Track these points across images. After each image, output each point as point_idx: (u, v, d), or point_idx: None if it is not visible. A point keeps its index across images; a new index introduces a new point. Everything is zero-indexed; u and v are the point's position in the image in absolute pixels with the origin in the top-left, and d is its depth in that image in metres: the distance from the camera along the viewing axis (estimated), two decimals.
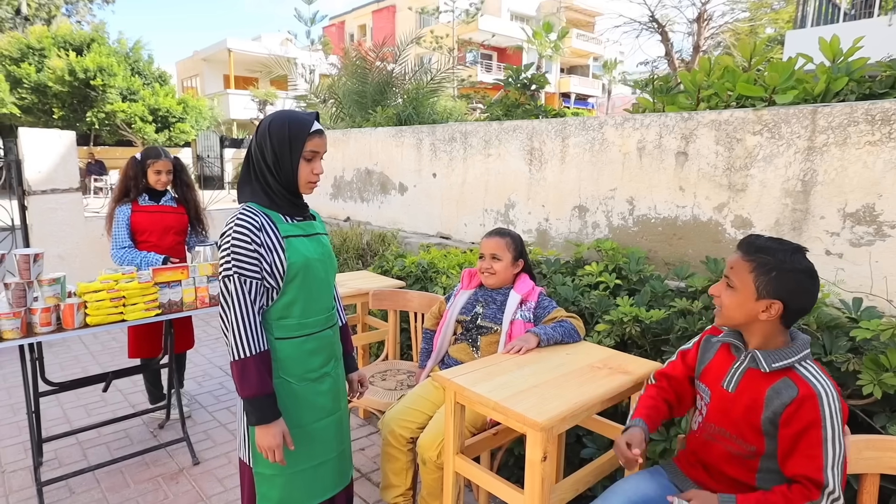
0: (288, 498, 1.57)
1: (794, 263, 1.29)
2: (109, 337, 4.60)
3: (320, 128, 1.54)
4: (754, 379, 1.36)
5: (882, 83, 2.18)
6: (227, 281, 1.44)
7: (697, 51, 13.06)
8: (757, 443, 1.35)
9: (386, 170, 4.58)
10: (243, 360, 1.43)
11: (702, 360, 1.52)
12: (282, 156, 1.49)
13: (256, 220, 1.46)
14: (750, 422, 1.34)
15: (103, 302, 2.21)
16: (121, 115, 16.92)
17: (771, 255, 1.30)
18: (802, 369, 1.31)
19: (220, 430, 3.02)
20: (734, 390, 1.39)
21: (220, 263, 1.46)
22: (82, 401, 3.38)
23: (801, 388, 1.27)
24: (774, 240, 1.34)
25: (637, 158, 2.78)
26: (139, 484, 2.51)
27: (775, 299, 1.30)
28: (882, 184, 2.01)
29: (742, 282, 1.33)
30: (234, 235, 1.43)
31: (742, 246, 1.36)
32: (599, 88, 30.34)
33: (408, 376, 2.58)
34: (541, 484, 1.46)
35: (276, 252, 1.47)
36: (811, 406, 1.24)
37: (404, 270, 3.25)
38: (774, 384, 1.31)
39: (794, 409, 1.26)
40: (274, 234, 1.48)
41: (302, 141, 1.49)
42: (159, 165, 2.89)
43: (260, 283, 1.46)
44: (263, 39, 25.82)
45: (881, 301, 1.96)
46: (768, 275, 1.29)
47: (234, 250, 1.43)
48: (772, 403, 1.30)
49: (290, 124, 1.49)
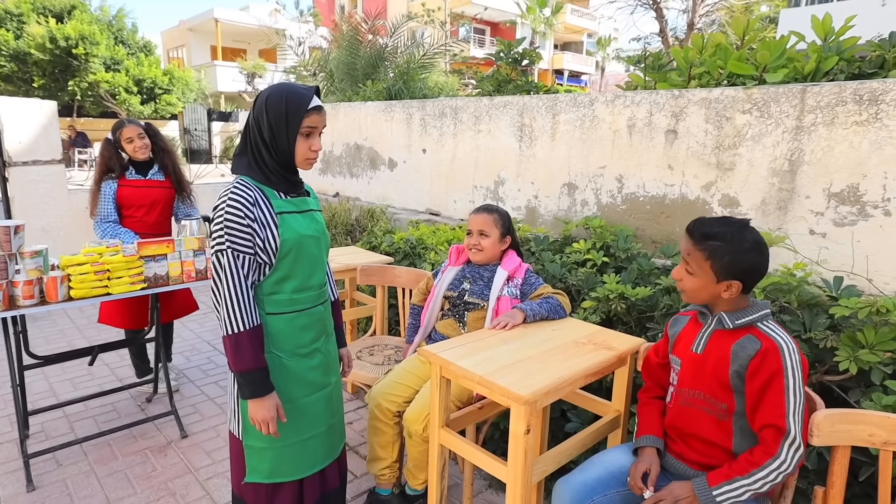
0: (277, 471, 1.59)
1: (743, 243, 1.34)
2: (95, 310, 4.53)
3: (319, 103, 1.49)
4: (721, 338, 1.43)
5: (871, 63, 2.17)
6: (220, 255, 1.43)
7: (692, 28, 12.93)
8: (727, 399, 1.41)
9: (376, 145, 4.53)
10: (236, 334, 1.43)
11: (672, 337, 1.58)
12: (278, 131, 1.45)
13: (251, 195, 1.44)
14: (719, 378, 1.40)
15: (87, 275, 2.19)
16: (104, 85, 16.50)
17: (721, 239, 1.35)
18: (764, 326, 1.38)
19: (208, 404, 3.04)
20: (702, 351, 1.45)
21: (213, 237, 1.44)
22: (68, 374, 3.37)
23: (763, 342, 1.34)
24: (719, 221, 1.38)
25: (627, 136, 2.77)
26: (127, 456, 2.52)
27: (734, 280, 1.36)
28: (867, 164, 2.03)
29: (700, 268, 1.39)
30: (228, 210, 1.41)
31: (694, 234, 1.40)
32: (593, 65, 30.06)
33: (395, 351, 2.59)
34: (524, 456, 1.48)
35: (269, 228, 1.46)
36: (774, 357, 1.32)
37: (392, 246, 3.25)
38: (739, 340, 1.38)
39: (759, 361, 1.33)
40: (268, 209, 1.46)
41: (300, 117, 1.45)
42: (128, 133, 2.81)
43: (253, 259, 1.45)
44: (252, 9, 25.19)
45: (861, 280, 2.00)
46: (722, 259, 1.35)
47: (227, 225, 1.41)
48: (737, 357, 1.37)
49: (287, 99, 1.44)
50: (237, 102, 22.40)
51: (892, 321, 1.63)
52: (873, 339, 1.62)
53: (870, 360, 1.60)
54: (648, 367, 1.68)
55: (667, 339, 1.60)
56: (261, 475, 1.58)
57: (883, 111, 1.97)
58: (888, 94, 1.96)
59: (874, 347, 1.61)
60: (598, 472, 1.51)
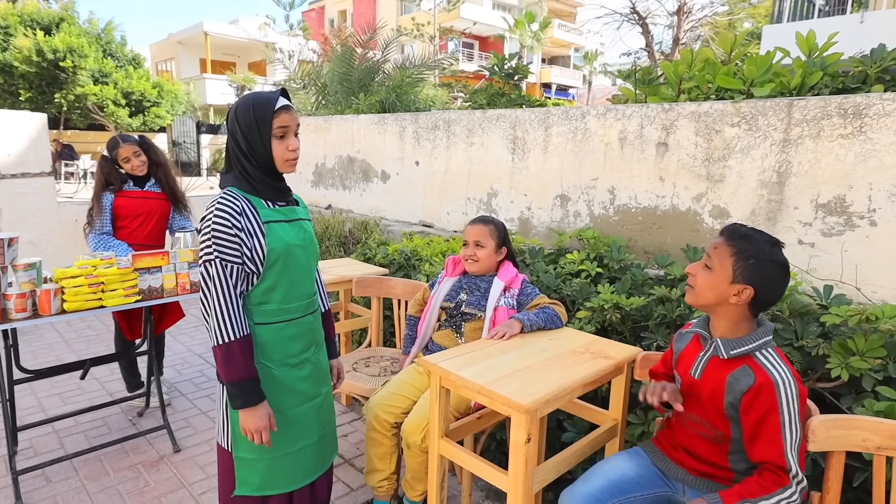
0: (268, 482, 1.57)
1: (772, 255, 1.35)
2: (84, 325, 4.51)
3: (286, 103, 1.50)
4: (717, 366, 1.42)
5: (854, 78, 2.24)
6: (209, 265, 1.43)
7: (677, 43, 13.22)
8: (723, 427, 1.42)
9: (368, 157, 4.55)
10: (227, 344, 1.43)
11: (676, 352, 1.59)
12: (252, 139, 1.47)
13: (237, 205, 1.45)
14: (715, 407, 1.41)
15: (81, 288, 2.17)
16: (92, 98, 16.40)
17: (752, 243, 1.36)
18: (762, 357, 1.37)
19: (200, 418, 3.00)
20: (700, 377, 1.46)
21: (201, 248, 1.45)
22: (57, 389, 3.32)
23: (758, 377, 1.34)
24: (756, 230, 1.40)
25: (619, 148, 2.82)
26: (119, 472, 2.49)
27: (748, 285, 1.35)
28: (852, 176, 2.08)
29: (721, 264, 1.39)
30: (215, 220, 1.43)
31: (726, 232, 1.42)
32: (580, 79, 30.44)
33: (391, 363, 2.59)
34: (524, 465, 1.49)
35: (256, 237, 1.47)
36: (768, 393, 1.31)
37: (387, 258, 3.25)
38: (734, 371, 1.38)
39: (752, 396, 1.33)
40: (255, 218, 1.48)
41: (269, 119, 1.46)
42: (124, 153, 2.84)
43: (241, 268, 1.46)
44: (241, 22, 25.29)
45: (850, 289, 2.04)
46: (747, 261, 1.35)
47: (214, 235, 1.42)
48: (732, 389, 1.37)
49: (254, 105, 1.46)
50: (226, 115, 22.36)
51: (881, 328, 1.67)
52: (864, 347, 1.65)
53: (861, 367, 1.63)
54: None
55: (671, 348, 1.62)
56: (251, 487, 1.56)
57: (867, 125, 2.03)
58: (871, 108, 2.02)
59: (864, 354, 1.65)
60: (600, 481, 1.51)
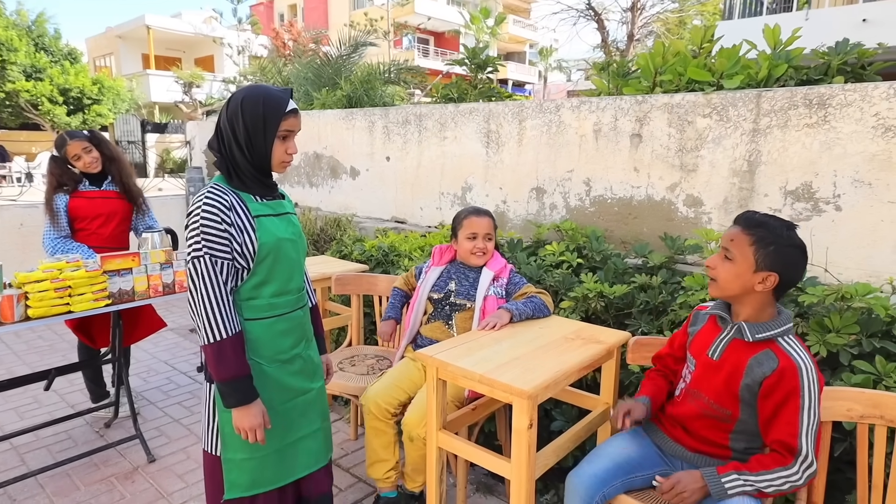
0: (258, 481, 1.53)
1: (790, 239, 1.37)
2: (35, 335, 4.25)
3: (295, 106, 1.50)
4: (738, 348, 1.44)
5: (817, 70, 2.36)
6: (197, 262, 1.38)
7: (632, 39, 13.60)
8: (733, 408, 1.45)
9: (336, 154, 4.47)
10: (219, 342, 1.38)
11: (692, 332, 1.61)
12: (255, 134, 1.44)
13: (226, 199, 1.41)
14: (729, 388, 1.44)
15: (47, 293, 2.04)
16: (24, 94, 15.43)
17: (769, 230, 1.38)
18: (784, 343, 1.40)
19: (173, 426, 2.88)
20: (718, 358, 1.48)
21: (189, 244, 1.40)
22: (11, 403, 3.11)
23: (781, 360, 1.37)
24: (769, 216, 1.42)
25: (593, 140, 2.87)
26: (90, 486, 2.36)
27: (772, 271, 1.37)
28: (818, 163, 2.19)
29: (742, 254, 1.39)
30: (203, 215, 1.38)
31: (741, 220, 1.43)
32: (536, 75, 30.86)
33: (377, 360, 2.56)
34: (527, 451, 1.50)
35: (246, 232, 1.43)
36: (791, 376, 1.34)
37: (364, 254, 3.21)
38: (757, 354, 1.40)
39: (775, 379, 1.36)
40: (244, 213, 1.44)
41: (277, 120, 1.44)
42: (73, 149, 2.66)
43: (231, 264, 1.42)
44: (184, 16, 24.30)
45: (819, 270, 2.15)
46: (767, 248, 1.36)
47: (203, 230, 1.38)
48: (752, 372, 1.39)
49: (265, 102, 1.43)
50: (173, 113, 21.50)
51: (854, 306, 1.76)
52: (839, 324, 1.75)
53: (837, 343, 1.72)
54: (660, 359, 1.73)
55: (686, 333, 1.64)
56: (241, 489, 1.52)
57: (831, 114, 2.14)
58: (834, 99, 2.13)
59: (840, 331, 1.74)
60: (605, 463, 1.54)
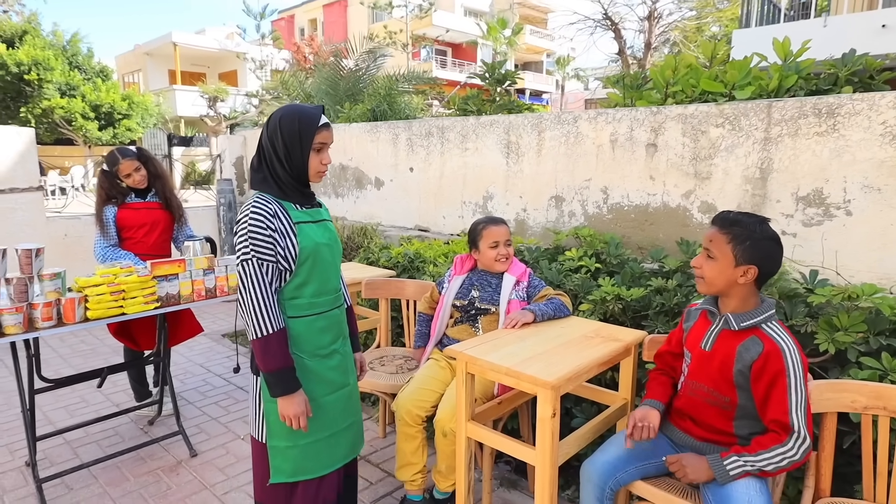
0: (301, 469, 1.67)
1: (764, 233, 1.51)
2: (77, 339, 4.48)
3: (327, 121, 1.66)
4: (727, 338, 1.57)
5: (826, 80, 2.45)
6: (246, 264, 1.55)
7: (649, 48, 13.65)
8: (730, 394, 1.56)
9: (361, 165, 4.65)
10: (266, 336, 1.54)
11: (686, 329, 1.73)
12: (293, 148, 1.61)
13: (270, 208, 1.58)
14: (724, 375, 1.55)
15: (104, 296, 2.23)
16: (59, 111, 16.07)
17: (743, 227, 1.51)
18: (768, 328, 1.52)
19: (212, 424, 3.05)
20: (710, 349, 1.60)
21: (238, 248, 1.57)
22: (62, 402, 3.32)
23: (766, 344, 1.49)
24: (743, 213, 1.55)
25: (610, 150, 2.99)
26: (139, 477, 2.53)
27: (751, 264, 1.50)
28: (828, 170, 2.28)
29: (721, 252, 1.52)
30: (251, 222, 1.55)
31: (717, 221, 1.56)
32: (553, 84, 30.97)
33: (405, 360, 2.69)
34: (551, 438, 1.62)
35: (288, 237, 1.59)
36: (776, 359, 1.46)
37: (391, 261, 3.36)
38: (744, 341, 1.53)
39: (762, 363, 1.48)
40: (286, 220, 1.60)
41: (312, 134, 1.61)
42: (125, 169, 2.84)
43: (275, 266, 1.57)
44: (208, 33, 25.02)
45: (830, 273, 2.23)
46: (744, 244, 1.49)
47: (251, 236, 1.54)
48: (741, 358, 1.52)
49: (300, 119, 1.61)
50: (198, 127, 22.09)
51: (861, 306, 1.85)
52: (847, 323, 1.83)
53: (845, 341, 1.81)
54: (660, 356, 1.85)
55: (681, 330, 1.76)
56: (285, 474, 1.66)
57: (840, 123, 2.23)
58: (843, 108, 2.22)
59: (848, 329, 1.83)
60: (618, 451, 1.66)
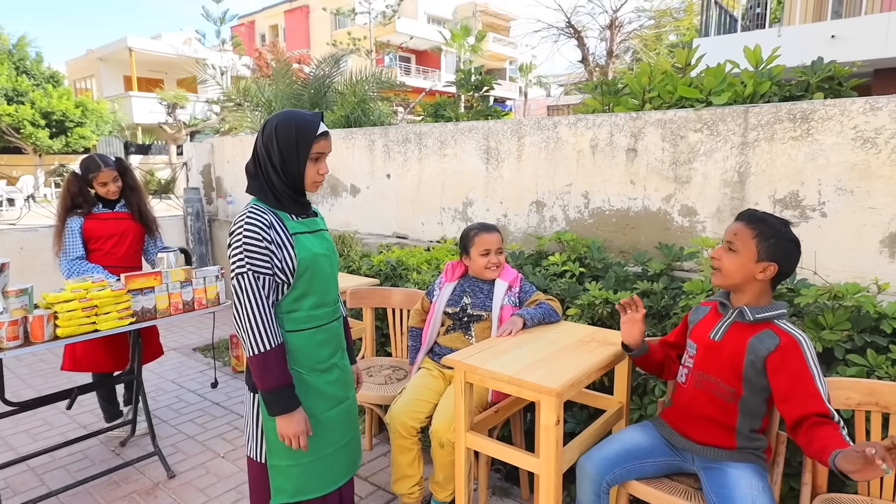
0: (304, 488, 1.60)
1: (788, 234, 1.55)
2: (36, 358, 4.24)
3: (326, 129, 1.59)
4: (739, 329, 1.59)
5: (798, 86, 2.54)
6: (241, 278, 1.47)
7: (611, 56, 14.00)
8: (736, 385, 1.58)
9: (336, 172, 4.57)
10: (264, 353, 1.46)
11: (691, 324, 1.75)
12: (289, 156, 1.53)
13: (266, 219, 1.50)
14: (733, 366, 1.57)
15: (75, 312, 2.10)
16: (6, 118, 15.36)
17: (770, 225, 1.54)
18: (780, 323, 1.55)
19: (189, 443, 2.92)
20: (720, 339, 1.62)
21: (232, 261, 1.48)
22: (23, 426, 3.12)
23: (782, 338, 1.51)
24: (768, 214, 1.59)
25: (590, 155, 3.02)
26: (113, 503, 2.39)
27: (772, 262, 1.53)
28: (804, 173, 2.36)
29: (745, 246, 1.55)
30: (245, 234, 1.47)
31: (744, 216, 1.60)
32: (516, 91, 31.34)
33: (392, 371, 2.64)
34: (556, 446, 1.60)
35: (285, 249, 1.52)
36: (794, 351, 1.48)
37: (372, 269, 3.30)
38: (758, 333, 1.55)
39: (780, 355, 1.49)
40: (283, 231, 1.53)
41: (309, 143, 1.53)
42: (103, 177, 2.70)
43: (272, 279, 1.50)
44: (164, 38, 24.31)
45: (808, 273, 2.30)
46: (768, 241, 1.53)
47: (245, 248, 1.46)
48: (754, 349, 1.54)
49: (297, 126, 1.53)
50: (157, 134, 21.42)
51: (845, 305, 1.91)
52: (832, 321, 1.89)
53: (831, 339, 1.86)
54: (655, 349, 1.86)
55: (685, 325, 1.79)
56: (287, 494, 1.59)
57: (813, 128, 2.31)
58: (816, 113, 2.30)
59: (833, 328, 1.88)
60: (616, 448, 1.67)
